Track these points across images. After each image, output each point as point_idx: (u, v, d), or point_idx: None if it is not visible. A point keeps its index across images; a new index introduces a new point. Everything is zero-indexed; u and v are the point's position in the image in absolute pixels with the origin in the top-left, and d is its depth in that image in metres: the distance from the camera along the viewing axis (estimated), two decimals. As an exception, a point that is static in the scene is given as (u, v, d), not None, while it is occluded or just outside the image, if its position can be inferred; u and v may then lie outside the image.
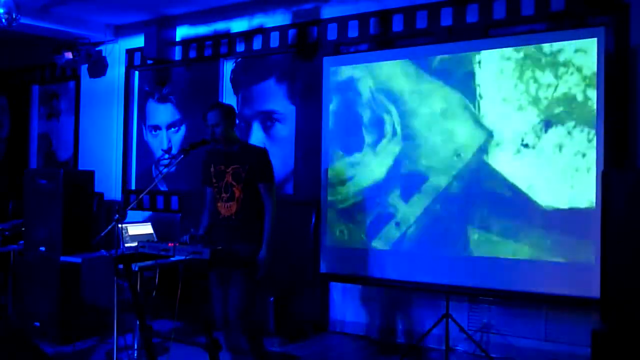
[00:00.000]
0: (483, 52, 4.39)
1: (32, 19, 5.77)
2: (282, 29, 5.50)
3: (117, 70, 6.63)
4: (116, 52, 6.63)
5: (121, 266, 3.40)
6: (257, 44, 5.65)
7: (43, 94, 7.47)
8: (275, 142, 5.58)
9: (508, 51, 4.31)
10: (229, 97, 5.88)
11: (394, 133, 4.74)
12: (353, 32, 5.14)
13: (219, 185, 3.57)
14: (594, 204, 3.96)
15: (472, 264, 4.45)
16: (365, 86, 4.86)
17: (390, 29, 4.97)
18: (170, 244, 3.38)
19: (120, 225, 3.82)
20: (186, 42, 6.06)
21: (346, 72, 4.94)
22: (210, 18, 5.90)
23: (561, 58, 4.13)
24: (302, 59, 5.41)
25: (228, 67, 5.92)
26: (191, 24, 6.04)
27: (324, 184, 5.11)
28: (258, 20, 5.64)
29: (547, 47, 4.17)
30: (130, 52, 6.50)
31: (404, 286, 4.74)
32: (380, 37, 5.02)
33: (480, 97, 4.40)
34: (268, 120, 5.68)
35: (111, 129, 6.67)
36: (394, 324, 4.98)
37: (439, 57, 4.57)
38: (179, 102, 6.22)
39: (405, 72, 4.69)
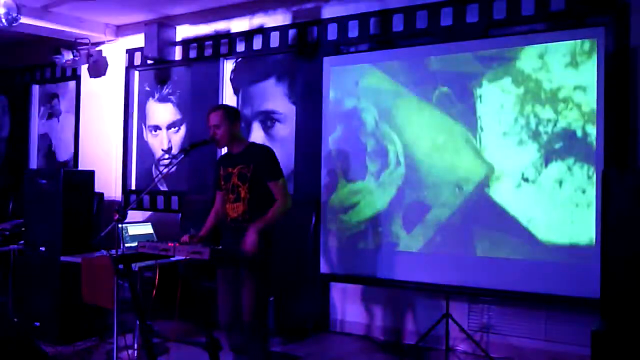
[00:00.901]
0: (484, 85, 4.41)
1: (32, 19, 5.78)
2: (282, 29, 5.50)
3: (117, 70, 6.63)
4: (116, 52, 6.63)
5: (121, 266, 3.40)
6: (257, 43, 5.65)
7: (43, 94, 7.47)
8: (275, 142, 5.58)
9: (508, 85, 4.33)
10: (229, 97, 5.89)
11: (398, 163, 4.76)
12: (353, 32, 5.14)
13: (227, 187, 3.57)
14: (594, 242, 3.99)
15: (472, 264, 4.46)
16: (371, 116, 4.88)
17: (390, 28, 4.97)
18: (170, 244, 3.38)
19: (120, 225, 3.82)
20: (186, 42, 6.06)
21: (350, 102, 4.97)
22: (210, 18, 5.90)
23: (561, 95, 4.15)
24: (302, 59, 5.41)
25: (228, 67, 5.92)
26: (191, 24, 6.04)
27: (324, 184, 5.11)
28: (258, 20, 5.64)
29: (547, 83, 4.20)
30: (130, 52, 6.50)
31: (404, 286, 4.75)
32: (381, 37, 5.02)
33: (482, 129, 4.42)
34: (268, 120, 5.68)
35: (111, 129, 6.67)
36: (394, 323, 4.98)
37: (440, 90, 4.58)
38: (179, 102, 6.22)
39: (407, 102, 4.71)
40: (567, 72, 4.15)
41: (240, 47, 5.75)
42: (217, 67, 5.92)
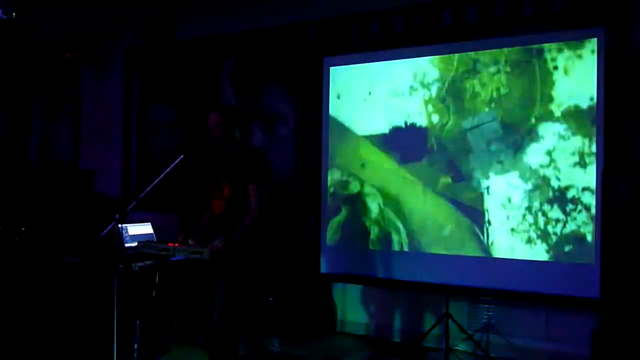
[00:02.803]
0: (492, 177, 4.43)
1: (33, 19, 5.77)
2: (282, 29, 5.50)
3: (117, 70, 6.63)
4: (116, 52, 6.62)
5: (121, 266, 3.40)
6: (257, 44, 5.65)
7: (43, 94, 7.46)
8: (275, 142, 5.58)
9: (516, 180, 4.35)
10: (228, 98, 5.88)
11: (401, 250, 4.80)
12: (353, 32, 5.14)
13: (216, 184, 3.59)
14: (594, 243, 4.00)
15: (473, 264, 4.47)
16: (374, 202, 4.90)
17: (391, 29, 4.96)
18: (170, 244, 3.38)
19: (120, 225, 3.81)
20: (186, 42, 6.06)
21: (355, 186, 5.01)
22: (211, 18, 5.90)
23: (569, 194, 4.17)
24: (302, 59, 5.41)
25: (228, 67, 5.91)
26: (191, 24, 6.04)
27: (324, 184, 5.12)
28: (258, 20, 5.64)
29: (555, 180, 4.21)
30: (130, 52, 6.50)
31: (404, 286, 4.75)
32: (381, 37, 5.02)
33: (489, 223, 4.44)
34: (268, 120, 5.67)
35: (111, 129, 6.67)
36: (394, 323, 4.97)
37: (445, 180, 4.62)
38: (179, 103, 6.22)
39: (414, 189, 4.73)
40: (575, 171, 4.16)
41: (240, 48, 5.75)
42: (216, 67, 5.92)
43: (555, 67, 4.25)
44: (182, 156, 3.59)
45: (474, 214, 4.49)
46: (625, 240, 3.43)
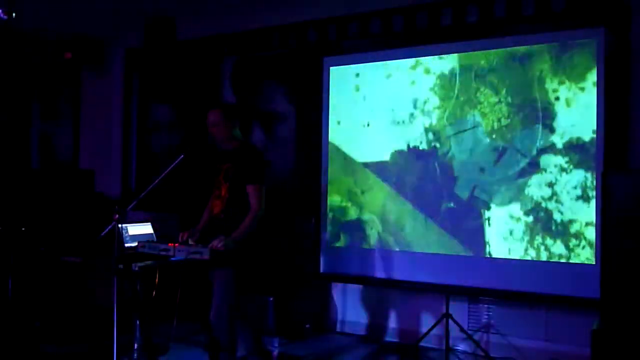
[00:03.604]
0: (493, 208, 4.43)
1: (33, 18, 5.77)
2: (282, 29, 5.50)
3: (117, 70, 6.63)
4: (116, 52, 6.63)
5: (121, 266, 3.40)
6: (257, 43, 5.65)
7: (43, 94, 7.46)
8: (275, 142, 5.58)
9: (517, 211, 4.34)
10: (229, 97, 5.88)
11: (401, 250, 4.81)
12: (353, 32, 5.14)
13: (214, 183, 3.59)
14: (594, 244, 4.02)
15: (472, 264, 4.47)
16: (374, 231, 4.91)
17: (391, 29, 4.96)
18: (170, 244, 3.38)
19: (120, 225, 3.81)
20: (186, 42, 6.06)
21: (354, 212, 5.01)
22: (211, 18, 5.90)
23: (572, 229, 4.16)
24: (302, 59, 5.41)
25: (228, 67, 5.91)
26: (191, 24, 6.04)
27: (324, 184, 5.12)
28: (258, 20, 5.64)
29: (557, 215, 4.21)
30: (130, 52, 6.50)
31: (404, 286, 4.75)
32: (381, 37, 5.02)
33: (490, 255, 4.44)
34: (268, 120, 5.67)
35: (111, 129, 6.67)
36: (394, 323, 4.97)
37: (446, 205, 4.60)
38: (179, 102, 6.22)
39: (414, 218, 4.73)
40: (578, 205, 4.15)
41: (240, 48, 5.75)
42: (217, 67, 5.91)
43: (557, 98, 4.23)
44: (182, 156, 3.58)
45: (476, 247, 4.48)
46: (625, 240, 3.43)
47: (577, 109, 4.16)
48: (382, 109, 4.91)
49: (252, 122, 5.75)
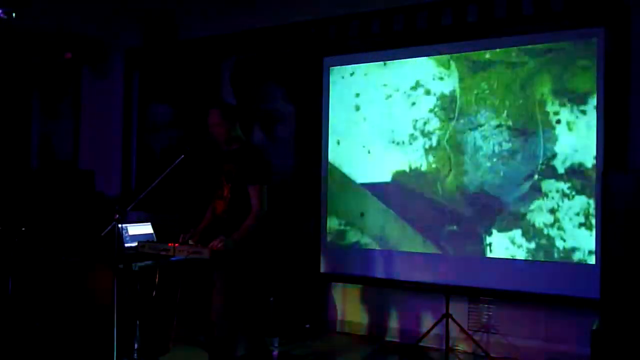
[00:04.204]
0: (494, 233, 4.42)
1: (33, 18, 5.77)
2: (282, 29, 5.50)
3: (117, 70, 6.63)
4: (116, 52, 6.62)
5: (121, 266, 3.40)
6: (257, 43, 5.64)
7: (43, 93, 7.46)
8: (275, 142, 5.58)
9: (518, 237, 4.33)
10: (229, 97, 5.88)
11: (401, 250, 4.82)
12: (353, 32, 5.14)
13: (217, 183, 3.59)
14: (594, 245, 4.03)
15: (473, 264, 4.47)
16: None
17: (391, 29, 4.96)
18: (170, 244, 3.38)
19: (120, 225, 3.81)
20: (186, 42, 6.06)
21: (353, 236, 5.01)
22: (211, 18, 5.90)
23: (575, 257, 4.15)
24: (302, 59, 5.41)
25: (228, 67, 5.91)
26: (192, 24, 6.04)
27: (324, 184, 5.12)
28: (258, 20, 5.64)
29: (560, 242, 4.19)
30: (130, 52, 6.49)
31: (404, 286, 4.75)
32: (381, 37, 5.02)
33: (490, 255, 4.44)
34: (268, 120, 5.68)
35: (111, 129, 6.67)
36: (394, 323, 4.97)
37: (447, 229, 4.58)
38: (179, 102, 6.22)
39: (413, 240, 4.73)
40: (581, 233, 4.13)
41: (240, 48, 5.75)
42: (216, 67, 5.91)
43: (558, 122, 4.22)
44: (182, 156, 3.58)
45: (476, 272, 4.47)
46: (625, 240, 3.43)
47: (578, 133, 4.13)
48: (382, 129, 4.89)
49: (252, 122, 5.75)
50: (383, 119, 4.90)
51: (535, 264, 4.26)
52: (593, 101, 4.10)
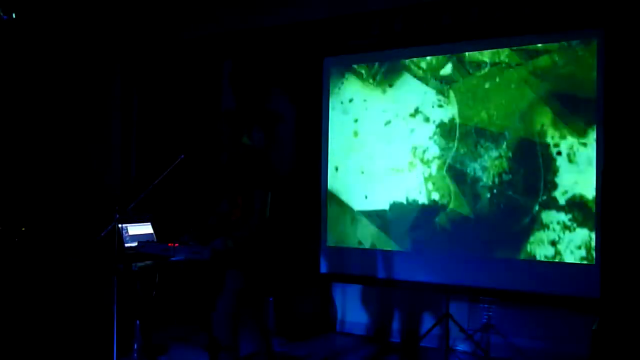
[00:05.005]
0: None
1: (33, 18, 5.76)
2: (282, 29, 5.50)
3: (117, 70, 6.62)
4: (117, 52, 6.62)
5: (121, 266, 3.40)
6: (257, 44, 5.64)
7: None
8: (275, 142, 5.58)
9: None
10: (229, 98, 5.88)
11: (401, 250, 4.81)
12: (353, 32, 5.14)
13: (230, 191, 3.60)
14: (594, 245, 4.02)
15: (473, 264, 4.47)
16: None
17: (392, 29, 4.96)
18: (170, 244, 3.38)
19: (120, 225, 3.81)
20: (186, 42, 6.06)
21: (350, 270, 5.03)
22: (211, 18, 5.90)
23: (575, 258, 4.14)
24: (302, 59, 5.41)
25: (228, 67, 5.91)
26: (191, 24, 6.04)
27: (324, 184, 5.12)
28: (258, 20, 5.64)
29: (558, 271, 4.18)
30: (130, 52, 6.49)
31: (404, 286, 4.75)
32: (382, 37, 5.02)
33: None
34: (268, 120, 5.67)
35: (111, 129, 6.66)
36: (394, 323, 4.98)
37: (445, 259, 4.56)
38: (179, 103, 6.21)
39: (411, 268, 4.72)
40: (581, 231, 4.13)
41: (240, 48, 5.75)
42: (217, 67, 5.91)
43: (559, 153, 4.20)
44: (182, 156, 3.59)
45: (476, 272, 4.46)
46: (625, 241, 3.43)
47: (579, 165, 4.11)
48: (380, 156, 4.88)
49: (252, 123, 5.74)
50: (382, 145, 4.88)
51: (536, 263, 4.26)
52: (593, 134, 4.07)
